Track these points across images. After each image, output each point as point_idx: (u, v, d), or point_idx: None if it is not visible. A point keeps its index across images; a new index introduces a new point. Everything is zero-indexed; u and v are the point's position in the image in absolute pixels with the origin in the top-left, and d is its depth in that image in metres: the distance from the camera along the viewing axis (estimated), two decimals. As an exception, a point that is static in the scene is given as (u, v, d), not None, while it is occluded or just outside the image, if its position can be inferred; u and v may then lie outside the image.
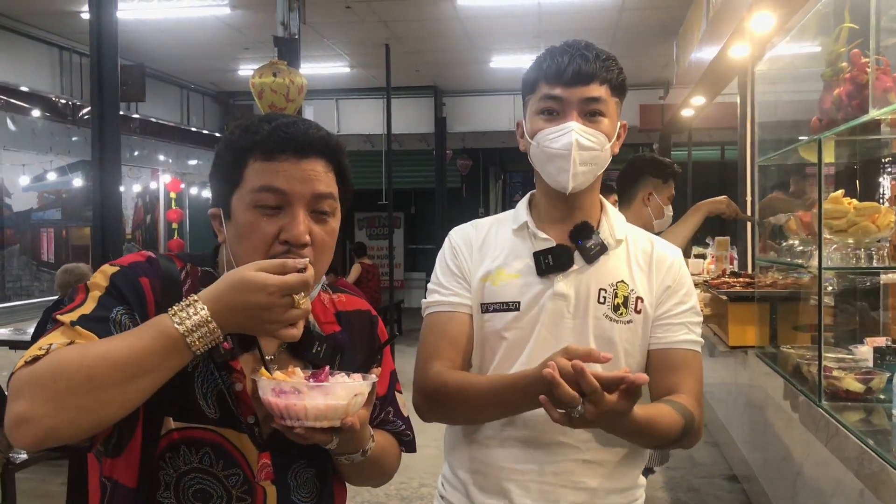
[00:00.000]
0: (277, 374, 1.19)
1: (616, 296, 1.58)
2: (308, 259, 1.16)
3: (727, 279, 4.60)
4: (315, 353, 1.31)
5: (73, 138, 10.66)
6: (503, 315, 1.59)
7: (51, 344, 1.09)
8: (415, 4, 7.88)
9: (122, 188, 4.96)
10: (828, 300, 3.22)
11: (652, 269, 1.62)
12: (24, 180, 11.12)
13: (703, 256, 6.95)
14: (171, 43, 9.27)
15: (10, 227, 11.14)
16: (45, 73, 8.94)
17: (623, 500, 1.62)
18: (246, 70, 10.16)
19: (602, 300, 1.58)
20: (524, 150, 1.64)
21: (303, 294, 1.12)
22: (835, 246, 2.85)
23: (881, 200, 4.80)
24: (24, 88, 8.36)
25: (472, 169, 15.14)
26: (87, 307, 1.16)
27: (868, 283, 3.34)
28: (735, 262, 6.55)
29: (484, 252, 1.64)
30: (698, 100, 7.63)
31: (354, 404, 1.18)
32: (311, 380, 1.18)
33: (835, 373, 2.69)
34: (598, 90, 1.54)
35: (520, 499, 1.57)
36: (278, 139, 1.23)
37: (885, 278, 3.24)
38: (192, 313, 1.09)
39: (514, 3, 7.84)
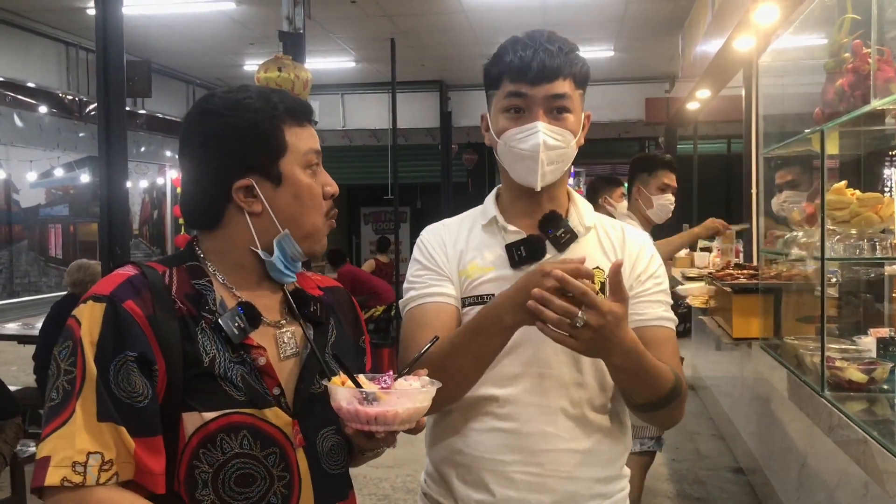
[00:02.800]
0: (363, 379, 1.25)
1: (593, 283, 1.57)
2: None
3: (731, 271, 4.60)
4: (313, 312, 1.39)
5: (80, 134, 10.71)
6: (480, 309, 1.52)
7: (85, 464, 1.16)
8: (420, -1, 7.90)
9: (128, 184, 4.97)
10: (831, 291, 3.22)
11: (624, 255, 1.60)
12: (32, 176, 11.18)
13: (708, 250, 6.94)
14: (177, 38, 9.29)
15: (17, 223, 11.20)
16: (51, 69, 8.95)
17: (608, 490, 1.59)
18: (251, 65, 10.17)
19: None
20: (489, 145, 1.62)
21: None
22: (838, 237, 2.85)
23: (890, 191, 4.79)
24: (30, 84, 8.38)
25: (478, 163, 15.13)
26: (89, 380, 1.17)
27: (872, 275, 3.33)
28: (741, 255, 6.54)
29: (457, 248, 1.63)
30: (704, 93, 7.62)
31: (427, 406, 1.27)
32: (380, 385, 1.24)
33: (838, 363, 2.69)
34: (563, 86, 1.51)
35: (504, 490, 1.53)
36: (300, 107, 1.36)
37: (889, 269, 3.24)
38: None
39: (519, -3, 7.84)
